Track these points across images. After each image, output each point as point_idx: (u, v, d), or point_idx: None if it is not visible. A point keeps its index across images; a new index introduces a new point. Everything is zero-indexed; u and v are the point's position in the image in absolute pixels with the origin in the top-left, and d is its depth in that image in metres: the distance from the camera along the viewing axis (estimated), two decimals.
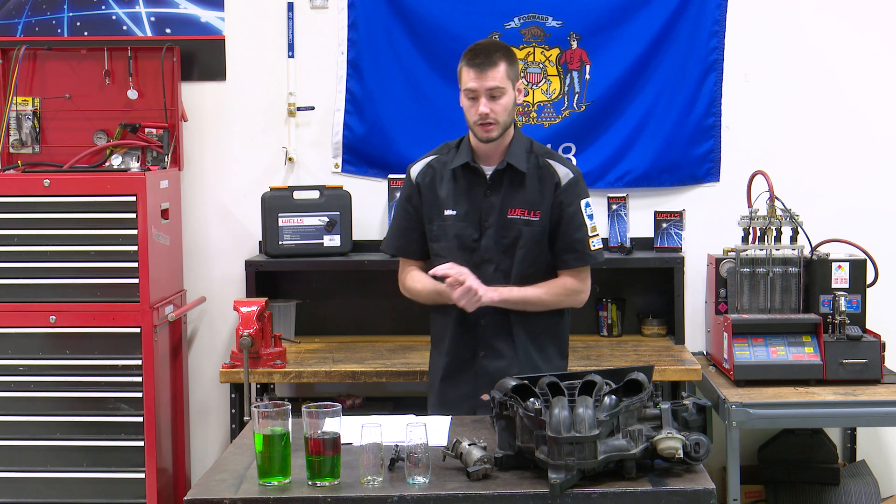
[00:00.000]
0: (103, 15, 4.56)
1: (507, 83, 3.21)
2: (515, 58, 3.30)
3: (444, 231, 3.34)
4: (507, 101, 3.22)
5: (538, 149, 3.36)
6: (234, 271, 4.57)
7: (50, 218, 4.07)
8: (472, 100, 3.23)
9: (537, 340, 3.35)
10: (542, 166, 3.31)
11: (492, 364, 3.31)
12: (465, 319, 3.30)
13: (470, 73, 3.21)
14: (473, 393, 3.32)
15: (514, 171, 3.29)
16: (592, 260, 3.33)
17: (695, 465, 2.55)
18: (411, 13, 4.50)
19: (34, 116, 4.53)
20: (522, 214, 3.28)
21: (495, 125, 3.21)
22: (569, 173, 3.31)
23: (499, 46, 3.28)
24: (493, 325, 3.31)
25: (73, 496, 4.13)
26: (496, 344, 3.32)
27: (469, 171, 3.32)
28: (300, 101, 4.57)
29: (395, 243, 3.48)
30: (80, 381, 4.11)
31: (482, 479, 2.49)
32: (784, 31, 4.51)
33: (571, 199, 3.30)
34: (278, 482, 2.50)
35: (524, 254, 3.28)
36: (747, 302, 4.05)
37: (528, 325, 3.32)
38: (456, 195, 3.33)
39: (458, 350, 3.35)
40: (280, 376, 3.98)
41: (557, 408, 2.44)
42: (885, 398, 3.76)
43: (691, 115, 4.51)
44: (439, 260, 3.34)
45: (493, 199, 3.30)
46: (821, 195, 4.47)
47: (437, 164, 3.38)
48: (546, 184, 3.29)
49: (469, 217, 3.31)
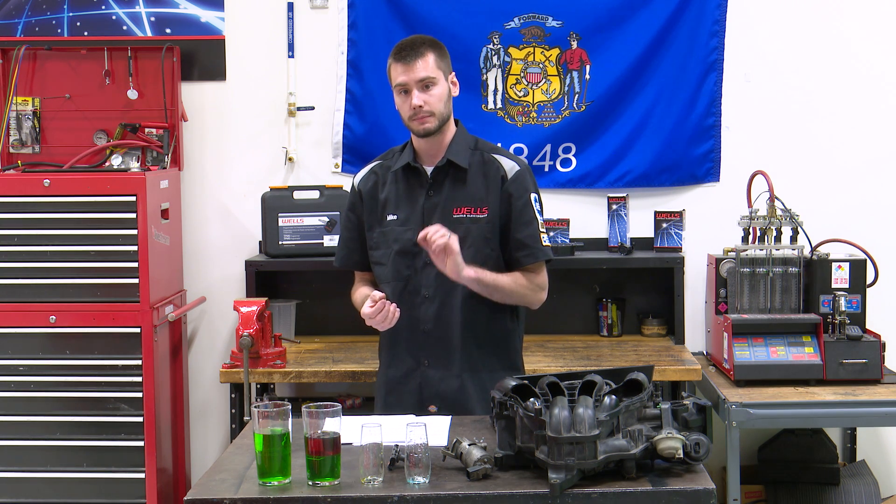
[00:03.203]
0: (103, 15, 4.56)
1: (438, 73, 3.13)
2: (444, 50, 3.20)
3: (384, 237, 3.24)
4: (440, 91, 3.13)
5: (483, 145, 3.25)
6: (234, 271, 4.57)
7: (50, 218, 4.07)
8: (405, 93, 3.13)
9: (482, 350, 3.21)
10: (487, 161, 3.20)
11: (437, 373, 3.20)
12: (406, 326, 3.17)
13: (398, 68, 3.13)
14: (417, 405, 3.21)
15: (456, 169, 3.18)
16: (544, 255, 3.19)
17: (695, 465, 2.55)
18: (411, 13, 4.50)
19: (34, 116, 4.53)
20: (469, 213, 3.16)
21: (431, 116, 3.12)
22: (515, 166, 3.20)
23: (425, 40, 3.17)
24: (436, 332, 3.19)
25: (73, 496, 4.13)
26: (440, 351, 3.20)
27: (411, 173, 3.23)
28: (300, 101, 4.57)
29: (340, 255, 3.38)
30: (80, 381, 4.11)
31: (482, 479, 2.49)
32: (784, 31, 4.51)
33: (521, 192, 3.18)
34: (278, 482, 2.49)
35: (473, 253, 3.12)
36: (747, 302, 4.05)
37: (474, 333, 3.20)
38: (398, 199, 3.22)
39: (402, 360, 3.24)
40: (280, 376, 3.98)
41: (557, 408, 2.43)
42: (885, 398, 3.76)
43: (691, 115, 4.51)
44: (379, 269, 3.25)
45: (435, 199, 3.19)
46: (821, 195, 4.47)
47: (379, 170, 3.29)
48: (491, 178, 3.18)
49: (411, 220, 3.19)
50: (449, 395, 3.20)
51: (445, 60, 3.18)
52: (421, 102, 3.11)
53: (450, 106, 3.19)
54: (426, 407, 3.20)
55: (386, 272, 3.23)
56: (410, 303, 3.19)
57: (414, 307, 3.20)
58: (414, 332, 3.21)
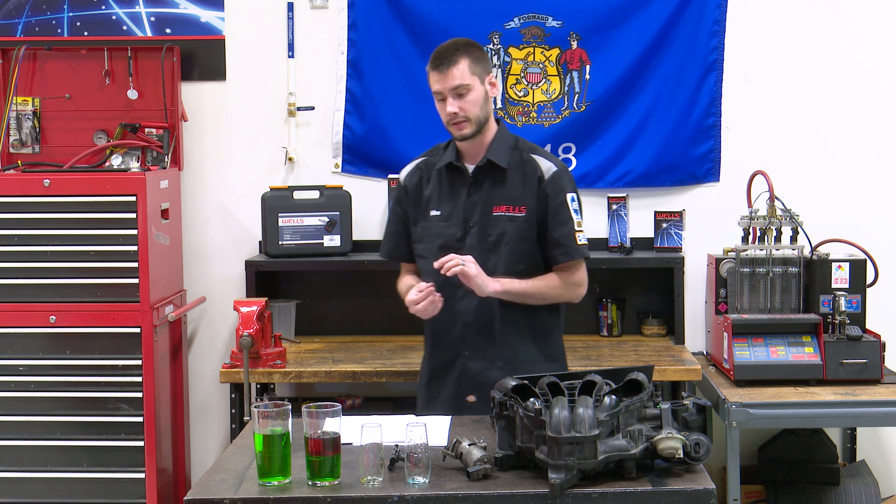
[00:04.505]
0: (103, 15, 4.56)
1: (473, 79, 3.20)
2: (480, 52, 3.26)
3: (427, 232, 3.33)
4: (474, 96, 3.20)
5: (523, 145, 3.33)
6: (234, 271, 4.57)
7: (50, 218, 4.07)
8: (441, 101, 3.23)
9: (522, 342, 3.30)
10: (525, 161, 3.28)
11: (476, 365, 3.29)
12: (447, 320, 3.28)
13: (434, 76, 3.22)
14: (457, 395, 3.31)
15: (495, 168, 3.27)
16: (579, 254, 3.26)
17: (695, 465, 2.55)
18: (411, 13, 4.50)
19: (34, 116, 4.53)
20: (507, 211, 3.25)
21: (467, 122, 3.20)
22: (552, 167, 3.27)
23: (459, 45, 3.24)
24: (476, 325, 3.28)
25: (73, 496, 4.13)
26: (480, 344, 3.29)
27: (453, 171, 3.32)
28: (300, 101, 4.57)
29: (386, 246, 3.49)
30: (80, 381, 4.11)
31: (482, 479, 2.50)
32: (784, 31, 4.51)
33: (557, 192, 3.25)
34: (278, 482, 2.50)
35: (510, 250, 3.24)
36: (747, 302, 4.05)
37: (514, 326, 3.28)
38: (441, 195, 3.32)
39: (443, 351, 3.34)
40: (280, 376, 3.98)
41: (557, 408, 2.44)
42: (885, 398, 3.76)
43: (691, 115, 4.51)
44: (422, 262, 3.34)
45: (475, 197, 3.28)
46: (821, 195, 4.47)
47: (424, 166, 3.39)
48: (529, 178, 3.26)
49: (453, 217, 3.29)
50: (488, 386, 3.24)
51: (481, 63, 3.24)
52: (456, 109, 3.19)
53: (488, 108, 3.26)
54: (465, 397, 3.28)
55: (428, 265, 3.30)
56: (451, 296, 3.26)
57: (455, 300, 3.27)
58: (455, 325, 3.30)
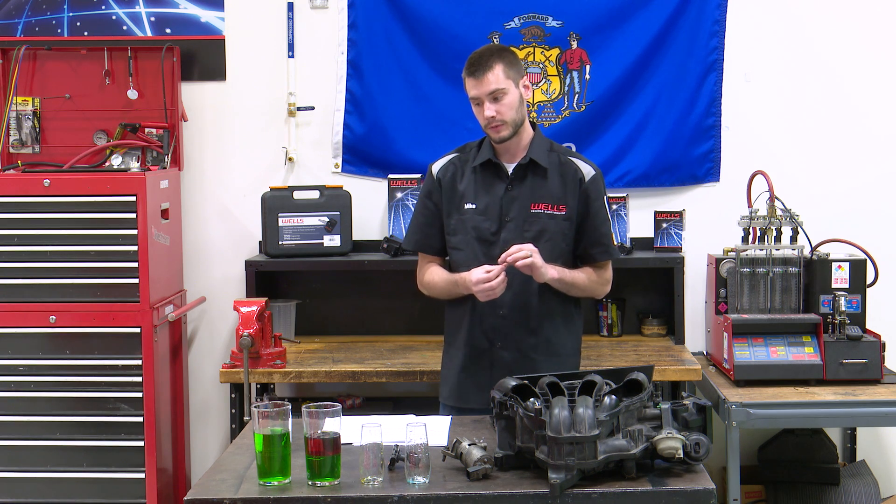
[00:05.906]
0: (103, 15, 4.56)
1: (508, 83, 3.28)
2: (513, 56, 3.35)
3: (462, 224, 3.40)
4: (510, 100, 3.29)
5: (558, 148, 3.46)
6: (234, 271, 4.57)
7: (50, 218, 4.08)
8: (478, 106, 3.32)
9: (557, 333, 3.39)
10: (564, 163, 3.39)
11: (509, 355, 3.35)
12: (482, 310, 3.34)
13: (470, 82, 3.31)
14: (489, 384, 3.30)
15: (536, 167, 3.36)
16: (616, 254, 3.46)
17: (695, 465, 2.55)
18: (411, 13, 4.50)
19: (34, 116, 4.53)
20: (547, 209, 3.34)
21: (503, 125, 3.30)
22: (591, 170, 3.40)
23: (493, 50, 3.34)
24: (513, 316, 3.34)
25: (73, 496, 4.13)
26: (515, 335, 3.35)
27: (491, 167, 3.40)
28: (300, 101, 4.57)
29: (414, 238, 3.52)
30: (80, 381, 4.11)
31: (482, 479, 2.50)
32: (784, 31, 4.51)
33: (597, 194, 3.39)
34: (278, 482, 2.50)
35: (550, 247, 3.32)
36: (747, 302, 4.05)
37: (549, 318, 3.37)
38: (476, 190, 3.39)
39: (476, 341, 3.38)
40: (280, 376, 3.98)
41: (557, 408, 2.44)
42: (885, 398, 3.76)
43: (691, 115, 4.51)
44: (457, 253, 3.40)
45: (514, 192, 3.36)
46: (821, 195, 4.47)
47: (457, 162, 3.46)
48: (569, 179, 3.37)
49: (489, 211, 3.36)
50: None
51: (515, 67, 3.33)
52: (493, 113, 3.28)
53: (523, 110, 3.36)
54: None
55: (464, 257, 3.37)
56: None
57: None
58: (490, 316, 3.36)
